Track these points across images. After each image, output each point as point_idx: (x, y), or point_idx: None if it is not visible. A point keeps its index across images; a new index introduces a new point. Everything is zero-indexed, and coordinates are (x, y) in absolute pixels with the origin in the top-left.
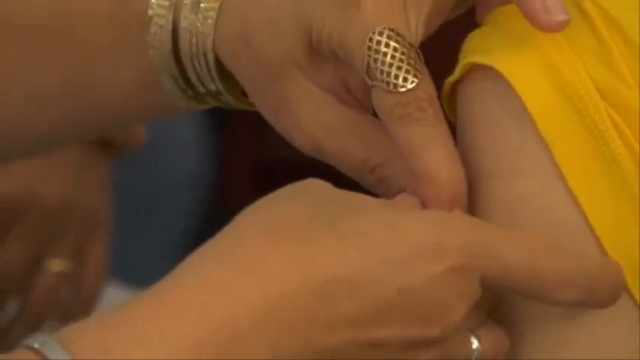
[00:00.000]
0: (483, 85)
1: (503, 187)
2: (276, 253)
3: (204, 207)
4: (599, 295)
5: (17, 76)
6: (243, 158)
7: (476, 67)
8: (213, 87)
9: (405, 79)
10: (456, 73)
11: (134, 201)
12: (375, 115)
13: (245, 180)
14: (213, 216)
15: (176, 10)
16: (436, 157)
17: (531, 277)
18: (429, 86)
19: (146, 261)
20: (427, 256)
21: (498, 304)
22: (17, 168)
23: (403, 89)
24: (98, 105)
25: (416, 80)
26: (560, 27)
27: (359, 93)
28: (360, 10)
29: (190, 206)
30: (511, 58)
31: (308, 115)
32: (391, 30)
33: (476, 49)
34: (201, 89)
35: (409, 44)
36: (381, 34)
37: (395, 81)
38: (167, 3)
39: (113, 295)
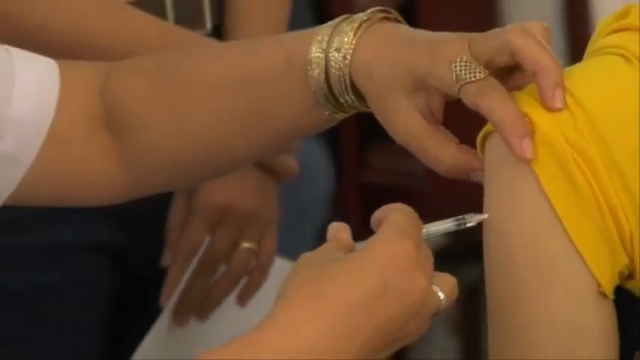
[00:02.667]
0: (497, 137)
1: (502, 205)
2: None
3: (325, 216)
4: None
5: (219, 117)
6: (352, 184)
7: None
8: (349, 100)
9: (479, 73)
10: (486, 127)
11: (286, 210)
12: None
13: (353, 200)
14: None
15: (326, 52)
16: (505, 104)
17: None
18: (491, 76)
19: (294, 247)
20: (390, 264)
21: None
22: (221, 183)
23: (481, 76)
24: (275, 129)
25: (483, 74)
26: (559, 109)
27: (436, 113)
28: (442, 52)
29: (318, 214)
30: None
31: (403, 123)
32: (462, 56)
33: (521, 95)
34: (343, 102)
35: (473, 60)
36: (460, 59)
37: (474, 75)
38: (321, 50)
39: (277, 264)
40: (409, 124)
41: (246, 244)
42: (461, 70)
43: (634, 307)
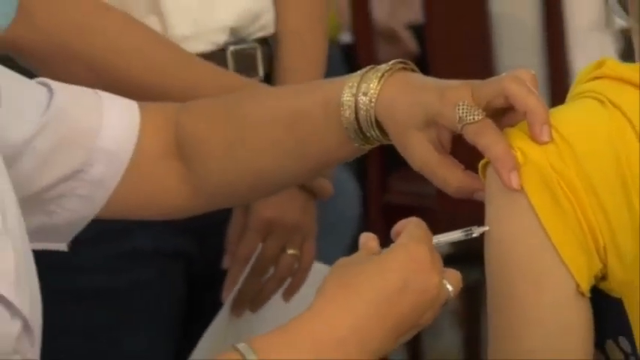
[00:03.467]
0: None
1: (499, 221)
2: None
3: (353, 229)
4: None
5: (269, 149)
6: (376, 204)
7: None
8: (375, 135)
9: (477, 115)
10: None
11: (322, 223)
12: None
13: (377, 217)
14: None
15: (355, 96)
16: (498, 143)
17: None
18: (487, 118)
19: (329, 254)
20: (408, 265)
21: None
22: (271, 201)
23: (479, 118)
24: (314, 158)
25: (481, 116)
26: (546, 143)
27: (445, 144)
28: (448, 96)
29: (348, 228)
30: (518, 147)
31: (418, 154)
32: (464, 101)
33: (512, 132)
34: (369, 136)
35: (473, 104)
36: (462, 103)
37: (474, 117)
38: (351, 95)
39: (315, 267)
40: (423, 155)
41: (290, 251)
42: (463, 113)
43: (606, 303)
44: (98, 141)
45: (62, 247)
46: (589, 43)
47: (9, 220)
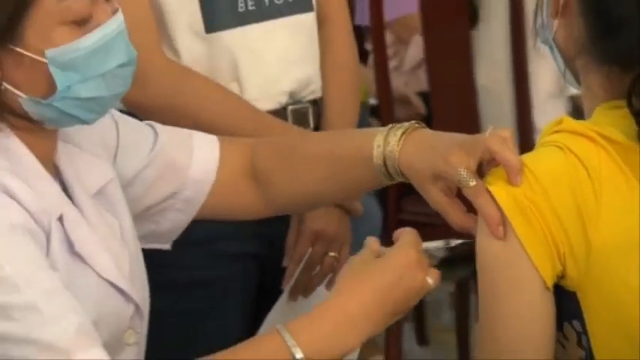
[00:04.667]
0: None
1: (486, 237)
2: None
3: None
4: None
5: (319, 178)
6: (393, 222)
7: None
8: (399, 177)
9: (472, 181)
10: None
11: (353, 234)
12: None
13: (393, 232)
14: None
15: (383, 150)
16: (488, 204)
17: None
18: (481, 182)
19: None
20: (402, 265)
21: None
22: (317, 217)
23: (473, 184)
24: (350, 187)
25: (476, 181)
26: (518, 185)
27: (452, 190)
28: (451, 159)
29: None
30: (497, 187)
31: (431, 198)
32: (463, 167)
33: (490, 180)
34: (395, 177)
35: (469, 173)
36: (462, 170)
37: (468, 183)
38: (380, 148)
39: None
40: (435, 199)
41: (331, 254)
42: (462, 179)
43: (563, 295)
44: (189, 172)
45: (167, 246)
46: (548, 108)
47: (125, 232)
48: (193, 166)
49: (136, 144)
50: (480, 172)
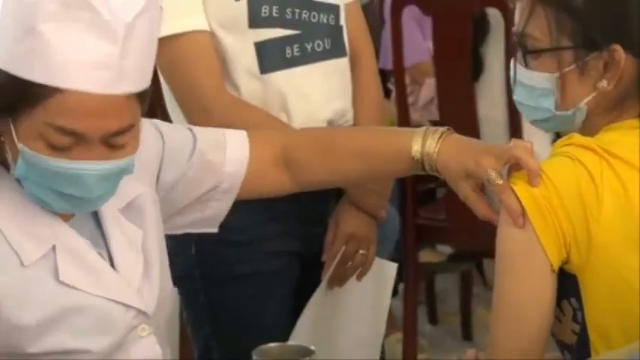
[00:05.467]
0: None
1: (505, 229)
2: None
3: (394, 240)
4: None
5: (350, 169)
6: (409, 225)
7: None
8: (433, 173)
9: (499, 180)
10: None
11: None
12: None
13: (409, 234)
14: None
15: (421, 150)
16: (512, 200)
17: None
18: (506, 182)
19: (381, 254)
20: None
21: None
22: (350, 221)
23: (499, 183)
24: (378, 177)
25: (501, 181)
26: (537, 186)
27: (479, 187)
28: (482, 161)
29: (392, 239)
30: (519, 186)
31: (462, 192)
32: (492, 168)
33: (514, 180)
34: (429, 172)
35: (497, 173)
36: (491, 170)
37: (496, 182)
38: (419, 148)
39: (376, 261)
40: (466, 194)
41: (361, 251)
42: (491, 177)
43: (565, 276)
44: (224, 168)
45: (214, 230)
46: (538, 134)
47: (148, 240)
48: (227, 163)
49: (178, 151)
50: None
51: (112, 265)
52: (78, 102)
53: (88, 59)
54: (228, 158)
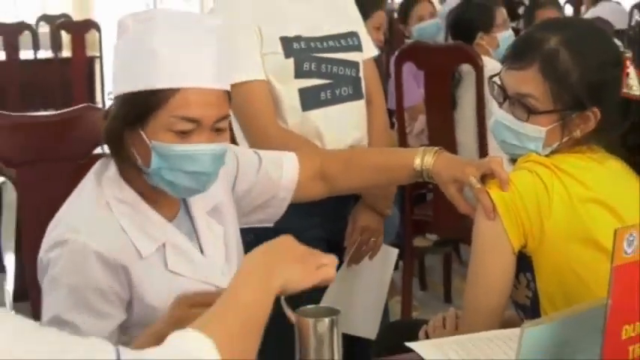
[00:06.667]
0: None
1: (479, 223)
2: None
3: (395, 231)
4: None
5: (368, 179)
6: (407, 220)
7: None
8: (427, 180)
9: (478, 184)
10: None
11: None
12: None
13: (407, 227)
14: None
15: (421, 164)
16: (486, 198)
17: None
18: (483, 186)
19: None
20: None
21: None
22: (363, 217)
23: (478, 187)
24: (389, 185)
25: (480, 185)
26: (506, 191)
27: (462, 190)
28: (466, 171)
29: (394, 230)
30: (492, 190)
31: (449, 193)
32: (474, 176)
33: (489, 186)
34: (425, 179)
35: (476, 179)
36: (474, 177)
37: (476, 186)
38: (419, 162)
39: (382, 248)
40: (452, 194)
41: (372, 240)
42: (472, 182)
43: (522, 256)
44: (281, 182)
45: (271, 225)
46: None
47: (228, 235)
48: (283, 177)
49: (249, 168)
50: (482, 180)
51: (202, 253)
52: (196, 95)
53: (198, 62)
54: (284, 174)
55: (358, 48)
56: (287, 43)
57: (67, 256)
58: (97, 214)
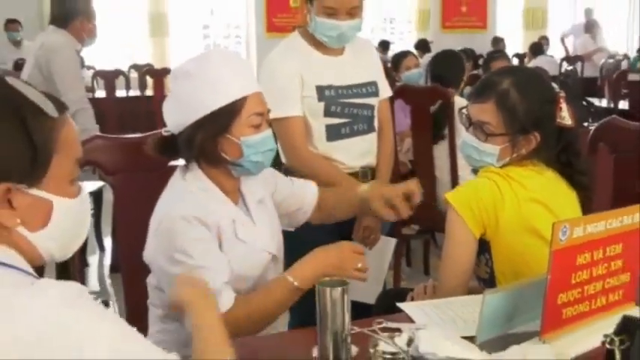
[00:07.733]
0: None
1: (448, 221)
2: None
3: (388, 228)
4: None
5: (331, 199)
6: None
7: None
8: (367, 205)
9: (400, 201)
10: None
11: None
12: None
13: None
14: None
15: (361, 193)
16: (405, 208)
17: None
18: (405, 203)
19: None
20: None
21: None
22: (368, 219)
23: (400, 199)
24: (351, 214)
25: (400, 198)
26: (417, 201)
27: (389, 205)
28: (391, 194)
29: (387, 228)
30: (452, 195)
31: (379, 210)
32: (397, 197)
33: (450, 194)
34: (367, 206)
35: (400, 197)
36: (397, 197)
37: (403, 211)
38: (359, 194)
39: (382, 239)
40: (381, 210)
41: (372, 236)
42: (397, 202)
43: (482, 242)
44: (305, 200)
45: (292, 229)
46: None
47: (273, 220)
48: (306, 200)
49: (284, 186)
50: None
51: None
52: (257, 97)
53: (251, 76)
54: (307, 195)
55: (375, 94)
56: (321, 90)
57: (176, 223)
58: (188, 197)
